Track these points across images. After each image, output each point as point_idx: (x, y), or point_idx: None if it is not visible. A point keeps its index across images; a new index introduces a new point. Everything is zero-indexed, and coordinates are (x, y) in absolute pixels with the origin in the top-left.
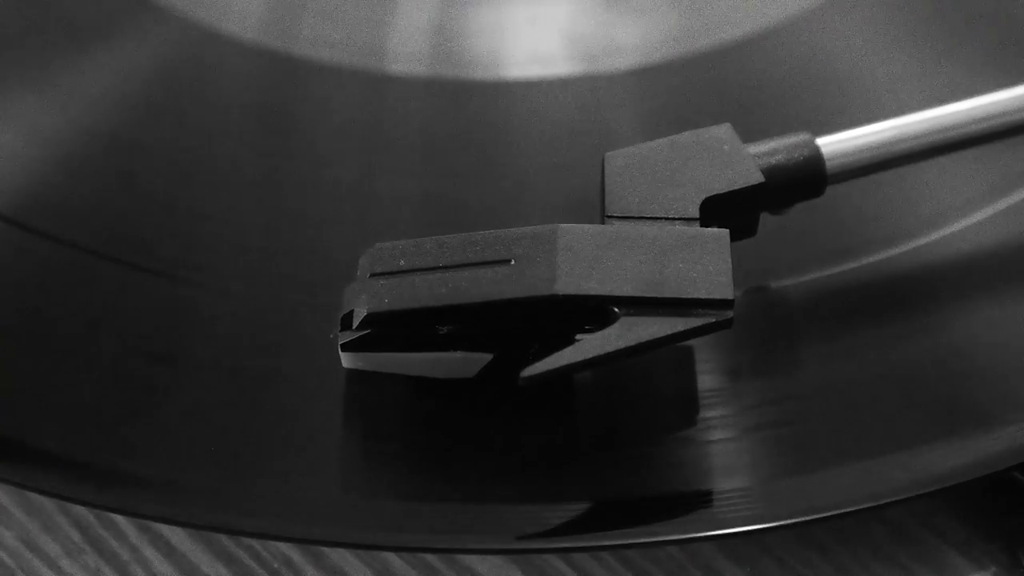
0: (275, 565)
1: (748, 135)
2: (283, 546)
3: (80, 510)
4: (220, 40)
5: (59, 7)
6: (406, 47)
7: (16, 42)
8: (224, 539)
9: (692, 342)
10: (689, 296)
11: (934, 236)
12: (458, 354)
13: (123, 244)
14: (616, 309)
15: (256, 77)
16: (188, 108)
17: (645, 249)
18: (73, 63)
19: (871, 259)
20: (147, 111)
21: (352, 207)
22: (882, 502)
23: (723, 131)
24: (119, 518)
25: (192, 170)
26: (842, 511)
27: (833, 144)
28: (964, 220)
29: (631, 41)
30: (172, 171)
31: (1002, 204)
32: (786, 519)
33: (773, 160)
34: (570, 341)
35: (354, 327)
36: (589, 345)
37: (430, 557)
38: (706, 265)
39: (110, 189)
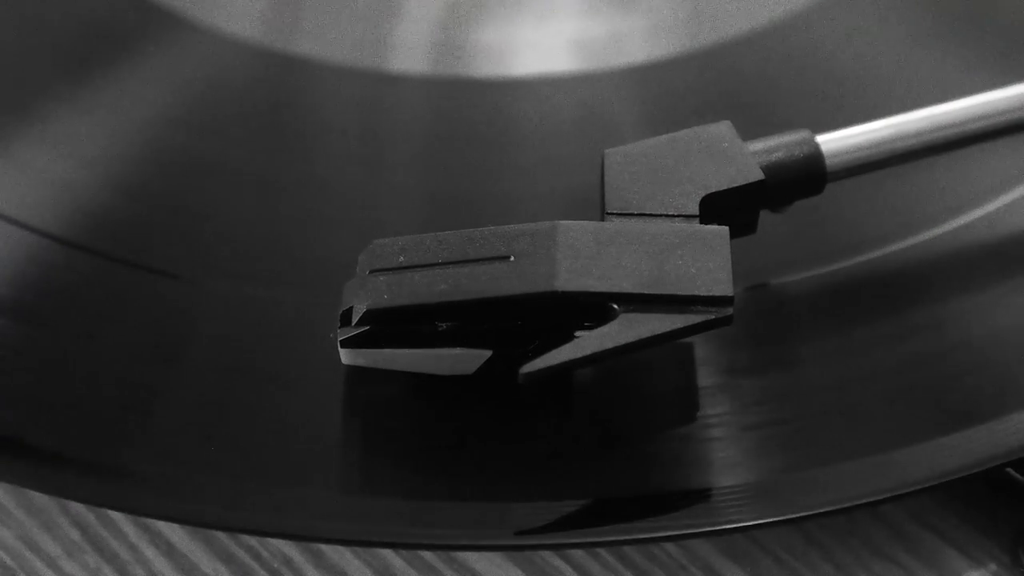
0: (275, 564)
1: (748, 133)
2: (283, 545)
3: (80, 510)
4: (220, 39)
5: (60, 8)
6: (408, 45)
7: (21, 46)
8: (224, 538)
9: (691, 339)
10: (689, 293)
11: (932, 234)
12: (457, 350)
13: (123, 244)
14: (616, 306)
15: (257, 76)
16: (188, 108)
17: (645, 246)
18: (78, 68)
19: (870, 256)
20: (146, 112)
21: (353, 205)
22: (879, 498)
23: (723, 128)
24: (119, 517)
25: (192, 169)
26: (839, 507)
27: (833, 142)
28: (962, 217)
29: (632, 39)
30: (173, 170)
31: (999, 202)
32: (783, 515)
33: (773, 157)
34: (569, 338)
35: (353, 323)
36: (588, 342)
37: (430, 556)
38: (706, 262)
39: (110, 189)
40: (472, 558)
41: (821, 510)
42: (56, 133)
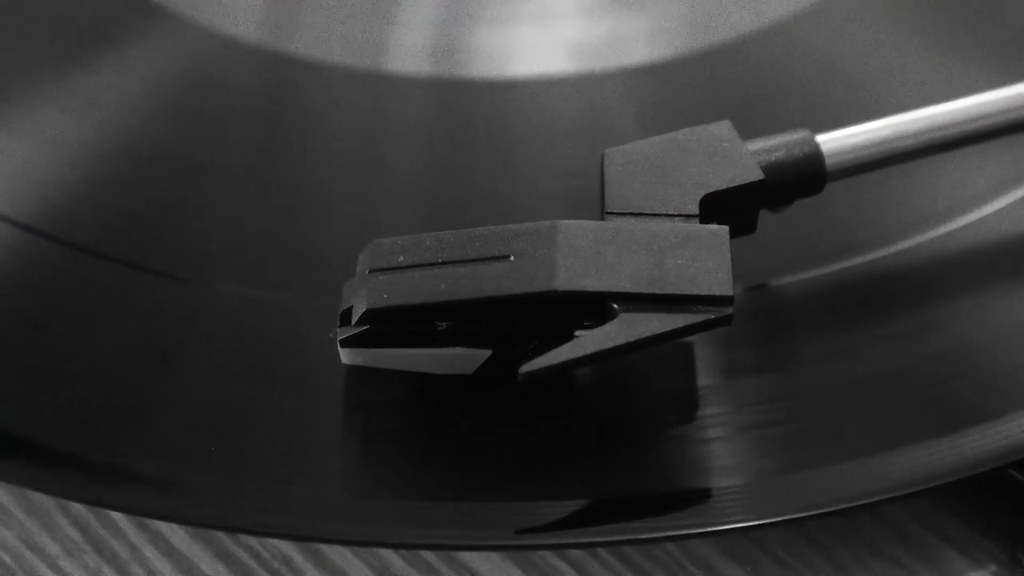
0: (275, 564)
1: (748, 132)
2: (283, 545)
3: (80, 510)
4: (220, 40)
5: (60, 10)
6: (408, 46)
7: (18, 45)
8: (224, 538)
9: (691, 339)
10: (688, 292)
11: (932, 234)
12: (457, 350)
13: (123, 244)
14: (615, 305)
15: (257, 77)
16: (188, 108)
17: (644, 245)
18: (73, 65)
19: (870, 257)
20: (146, 111)
21: (353, 206)
22: (878, 499)
23: (723, 128)
24: (119, 517)
25: (192, 170)
26: (838, 507)
27: (832, 141)
28: (962, 218)
29: (632, 39)
30: (172, 171)
31: (1000, 202)
32: (782, 515)
33: (772, 157)
34: (569, 337)
35: (353, 323)
36: (588, 341)
37: (430, 556)
38: (705, 262)
39: (110, 189)
40: (471, 558)
41: (820, 511)
42: (52, 132)
